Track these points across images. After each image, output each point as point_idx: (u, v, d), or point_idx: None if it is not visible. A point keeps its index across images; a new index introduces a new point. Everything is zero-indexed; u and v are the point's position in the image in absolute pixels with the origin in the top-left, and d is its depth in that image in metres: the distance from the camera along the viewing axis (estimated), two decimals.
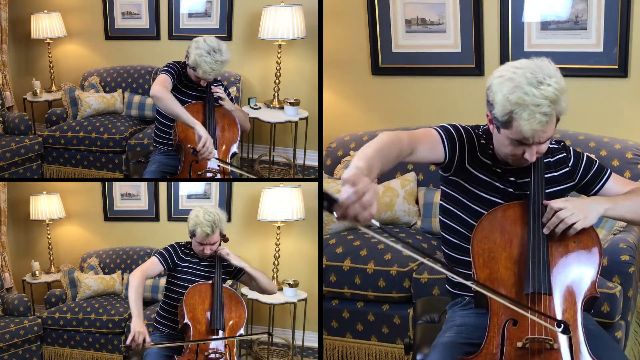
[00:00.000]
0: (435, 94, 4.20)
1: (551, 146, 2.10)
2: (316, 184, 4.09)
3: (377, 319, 3.34)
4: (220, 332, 2.66)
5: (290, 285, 4.06)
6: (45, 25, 5.15)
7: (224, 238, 2.88)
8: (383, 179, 3.82)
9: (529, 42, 3.87)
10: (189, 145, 3.05)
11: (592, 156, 3.33)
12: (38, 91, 5.19)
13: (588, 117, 3.77)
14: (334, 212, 1.60)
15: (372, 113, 4.40)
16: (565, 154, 2.12)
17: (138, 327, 2.52)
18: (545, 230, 1.94)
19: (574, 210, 1.92)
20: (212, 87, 3.21)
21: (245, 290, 4.17)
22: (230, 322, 2.72)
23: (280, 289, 4.16)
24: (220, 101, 3.22)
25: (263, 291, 3.01)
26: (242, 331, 2.76)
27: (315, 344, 4.12)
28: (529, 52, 3.85)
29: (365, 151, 1.78)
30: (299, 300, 4.07)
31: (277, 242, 4.27)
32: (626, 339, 3.06)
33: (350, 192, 1.58)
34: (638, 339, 3.32)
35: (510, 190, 2.05)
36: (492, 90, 1.90)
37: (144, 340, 2.50)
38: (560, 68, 1.91)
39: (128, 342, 2.50)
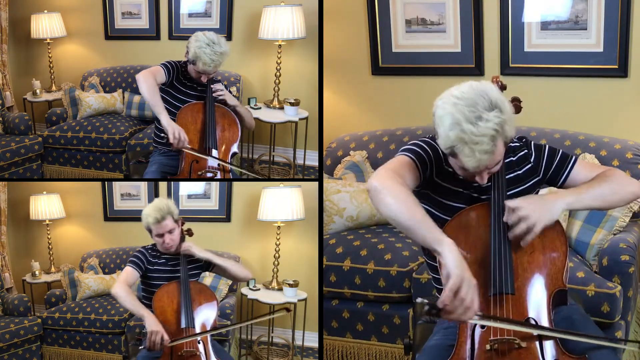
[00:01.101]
0: (435, 94, 4.12)
1: (513, 145, 2.08)
2: (316, 184, 4.09)
3: (377, 319, 3.33)
4: (193, 328, 2.65)
5: (290, 285, 4.06)
6: (45, 25, 5.16)
7: (189, 232, 2.90)
8: None
9: (529, 42, 3.87)
10: (162, 135, 3.16)
11: (593, 152, 3.38)
12: (38, 91, 5.19)
13: (588, 117, 3.78)
14: (440, 318, 1.73)
15: (372, 113, 4.40)
16: (526, 151, 2.08)
17: (154, 327, 2.53)
18: (511, 235, 1.91)
19: (531, 211, 1.88)
20: (212, 85, 3.22)
21: (245, 290, 4.18)
22: (202, 317, 2.71)
23: (280, 289, 4.16)
24: (220, 97, 3.23)
25: (237, 279, 3.04)
26: (213, 323, 2.74)
27: (315, 344, 4.12)
28: (529, 52, 3.85)
29: (421, 223, 1.80)
30: (299, 300, 4.07)
31: (277, 242, 4.26)
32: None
33: (455, 301, 1.69)
34: (638, 339, 3.32)
35: (475, 195, 2.03)
36: (435, 120, 1.90)
37: (162, 339, 2.51)
38: (560, 68, 1.90)
39: (147, 344, 2.51)
